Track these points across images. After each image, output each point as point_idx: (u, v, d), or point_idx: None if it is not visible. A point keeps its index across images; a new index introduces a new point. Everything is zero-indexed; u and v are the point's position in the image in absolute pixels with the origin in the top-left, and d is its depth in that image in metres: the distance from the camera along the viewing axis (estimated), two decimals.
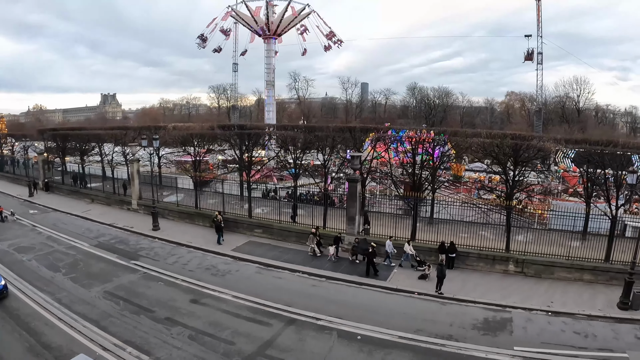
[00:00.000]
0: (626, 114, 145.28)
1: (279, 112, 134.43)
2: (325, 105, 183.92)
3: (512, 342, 25.95)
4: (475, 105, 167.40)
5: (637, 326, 28.28)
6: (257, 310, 29.17)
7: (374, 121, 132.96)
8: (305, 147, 54.38)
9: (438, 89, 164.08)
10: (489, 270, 36.81)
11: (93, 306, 28.63)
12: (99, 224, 49.58)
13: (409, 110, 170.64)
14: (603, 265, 35.77)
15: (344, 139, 55.99)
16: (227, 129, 65.84)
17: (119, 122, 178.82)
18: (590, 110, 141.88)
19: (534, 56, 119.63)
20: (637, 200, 48.17)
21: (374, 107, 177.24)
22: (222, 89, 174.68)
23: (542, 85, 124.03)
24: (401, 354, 24.32)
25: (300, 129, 67.23)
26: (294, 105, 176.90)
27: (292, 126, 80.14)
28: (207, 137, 62.11)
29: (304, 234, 43.52)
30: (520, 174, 42.57)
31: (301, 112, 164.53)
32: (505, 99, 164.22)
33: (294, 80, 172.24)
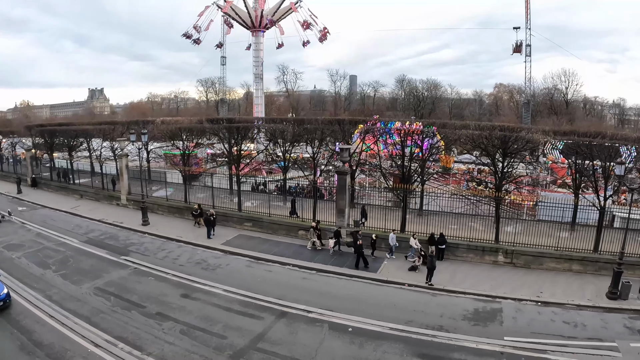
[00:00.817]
0: (614, 106, 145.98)
1: (268, 105, 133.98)
2: (314, 98, 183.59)
3: (502, 332, 26.18)
4: (464, 97, 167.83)
5: (626, 315, 28.59)
6: (248, 304, 29.22)
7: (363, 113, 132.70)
8: (294, 140, 54.59)
9: (427, 81, 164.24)
10: (479, 261, 37.05)
11: (84, 303, 28.54)
12: (89, 219, 49.37)
13: (397, 102, 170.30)
14: (592, 255, 36.08)
15: (333, 131, 56.18)
16: (215, 123, 65.88)
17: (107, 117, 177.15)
18: (578, 102, 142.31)
19: (522, 48, 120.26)
20: (625, 191, 48.50)
21: (362, 100, 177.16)
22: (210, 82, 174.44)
23: (530, 77, 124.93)
24: (392, 345, 24.47)
25: (289, 122, 67.37)
26: (282, 98, 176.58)
27: (281, 119, 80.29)
28: (195, 131, 62.06)
29: (294, 227, 43.77)
30: (509, 165, 42.86)
31: (290, 105, 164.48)
32: (493, 91, 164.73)
33: (282, 73, 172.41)
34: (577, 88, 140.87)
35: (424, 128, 52.74)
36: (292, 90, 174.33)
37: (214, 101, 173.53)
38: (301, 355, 23.18)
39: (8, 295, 27.82)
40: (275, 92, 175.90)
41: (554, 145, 58.02)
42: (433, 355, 23.60)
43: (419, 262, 35.83)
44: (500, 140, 42.90)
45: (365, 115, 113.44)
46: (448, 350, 24.18)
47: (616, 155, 40.42)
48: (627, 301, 30.28)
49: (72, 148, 67.83)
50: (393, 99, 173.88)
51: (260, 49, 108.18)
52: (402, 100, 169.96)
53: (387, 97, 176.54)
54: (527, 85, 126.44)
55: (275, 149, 58.20)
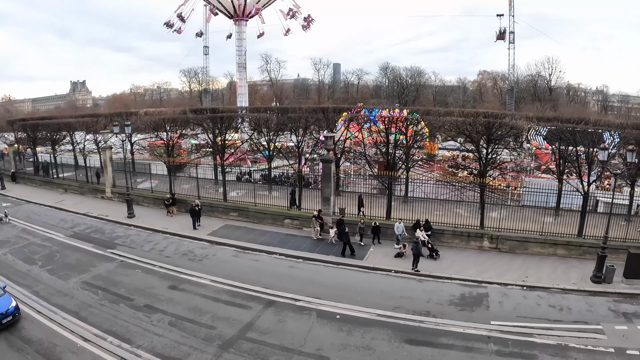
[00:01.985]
0: (597, 93, 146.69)
1: (252, 95, 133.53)
2: (297, 86, 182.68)
3: (489, 316, 26.56)
4: (448, 85, 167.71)
5: (610, 299, 29.08)
6: (236, 294, 29.36)
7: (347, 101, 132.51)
8: (278, 129, 54.52)
9: (410, 69, 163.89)
10: (464, 247, 37.37)
11: (71, 297, 28.50)
12: (74, 213, 49.07)
13: (381, 90, 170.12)
14: (576, 240, 36.59)
15: (317, 119, 56.21)
16: (199, 113, 65.61)
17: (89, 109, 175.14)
18: (561, 89, 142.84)
19: (505, 35, 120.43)
20: (609, 177, 48.99)
21: (346, 88, 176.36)
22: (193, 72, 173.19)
23: (514, 64, 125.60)
24: (380, 331, 24.74)
25: (273, 111, 67.10)
26: (266, 88, 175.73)
27: (264, 108, 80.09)
28: (179, 122, 61.74)
29: (280, 216, 43.96)
30: (493, 151, 43.15)
31: (274, 94, 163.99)
32: (477, 78, 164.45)
33: (265, 62, 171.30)
34: (560, 75, 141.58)
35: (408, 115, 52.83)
36: (276, 79, 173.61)
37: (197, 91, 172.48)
38: (290, 343, 23.37)
39: (17, 308, 25.86)
40: (258, 81, 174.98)
41: (538, 131, 58.60)
42: (421, 341, 23.85)
43: (404, 249, 36.05)
44: (484, 126, 43.13)
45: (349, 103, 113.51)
46: (435, 335, 24.48)
47: (599, 141, 40.85)
48: (611, 285, 30.74)
49: (55, 142, 67.25)
50: (377, 86, 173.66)
51: (243, 37, 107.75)
52: (386, 87, 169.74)
53: (371, 84, 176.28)
54: (511, 72, 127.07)
55: (259, 138, 58.01)
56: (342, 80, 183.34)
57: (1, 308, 24.85)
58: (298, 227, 43.25)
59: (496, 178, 46.56)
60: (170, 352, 22.46)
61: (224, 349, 22.77)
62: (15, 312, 25.36)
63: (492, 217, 40.29)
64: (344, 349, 22.93)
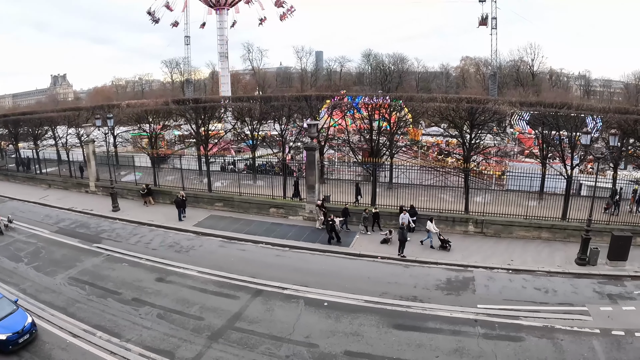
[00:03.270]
0: (580, 78, 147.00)
1: (234, 84, 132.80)
2: (280, 75, 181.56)
3: (475, 300, 26.96)
4: (431, 71, 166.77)
5: (595, 281, 29.59)
6: (224, 284, 29.50)
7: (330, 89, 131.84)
8: (261, 117, 54.61)
9: (393, 55, 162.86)
10: (450, 232, 37.46)
11: (59, 293, 28.42)
12: (58, 209, 48.74)
13: (364, 77, 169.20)
14: (560, 223, 37.08)
15: (300, 107, 56.21)
16: (182, 104, 65.22)
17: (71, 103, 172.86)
18: (544, 74, 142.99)
19: (488, 21, 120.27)
20: (592, 160, 49.47)
21: (329, 75, 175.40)
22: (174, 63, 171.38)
23: (496, 49, 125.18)
24: (368, 317, 25.03)
25: (256, 100, 66.93)
26: (248, 77, 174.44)
27: (247, 97, 79.69)
28: (162, 113, 61.47)
29: (265, 205, 44.03)
30: (477, 136, 43.50)
31: (256, 82, 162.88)
32: (460, 64, 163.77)
33: (247, 51, 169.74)
34: (542, 60, 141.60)
35: (391, 102, 52.96)
36: (258, 68, 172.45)
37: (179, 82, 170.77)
38: (279, 332, 23.59)
39: (33, 324, 23.70)
40: (241, 70, 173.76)
41: (521, 116, 58.96)
42: (408, 325, 24.18)
43: (390, 235, 36.25)
44: (468, 112, 43.49)
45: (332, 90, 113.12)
46: (423, 319, 24.82)
47: (582, 125, 41.32)
48: (595, 267, 31.21)
49: (37, 137, 66.62)
50: (360, 73, 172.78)
51: (225, 27, 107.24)
52: (368, 74, 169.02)
53: (353, 72, 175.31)
54: (493, 57, 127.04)
55: (243, 128, 57.94)
56: (325, 68, 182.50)
57: (17, 325, 22.98)
58: (283, 215, 43.36)
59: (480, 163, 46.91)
60: (160, 344, 22.59)
61: (213, 340, 22.93)
62: (32, 329, 23.35)
63: (477, 201, 40.68)
64: (333, 336, 23.18)
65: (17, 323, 23.02)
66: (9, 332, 22.33)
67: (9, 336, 22.19)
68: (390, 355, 21.54)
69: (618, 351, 21.60)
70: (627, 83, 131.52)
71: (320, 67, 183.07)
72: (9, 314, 23.72)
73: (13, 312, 23.96)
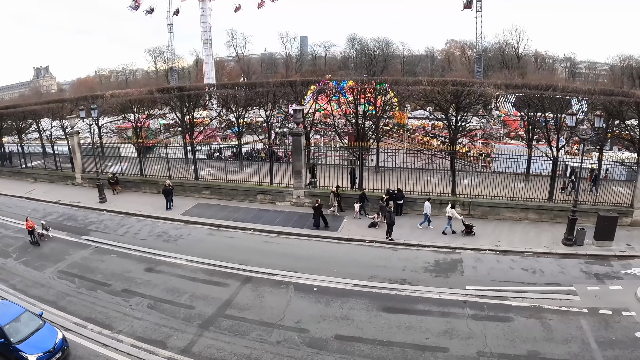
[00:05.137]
0: (565, 60, 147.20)
1: (218, 71, 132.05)
2: (264, 61, 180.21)
3: (464, 282, 27.32)
4: (416, 54, 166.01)
5: (582, 261, 30.03)
6: (213, 272, 29.66)
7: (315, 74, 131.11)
8: (247, 104, 54.36)
9: (378, 39, 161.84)
10: (437, 214, 37.58)
11: (49, 288, 28.38)
12: (45, 202, 48.37)
13: (349, 61, 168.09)
14: (547, 204, 37.54)
15: (286, 93, 56.02)
16: (166, 92, 64.72)
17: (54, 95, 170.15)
18: (529, 56, 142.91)
19: (472, 3, 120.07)
20: (577, 142, 49.80)
21: (314, 60, 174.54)
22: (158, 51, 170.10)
23: (481, 32, 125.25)
24: (358, 300, 25.32)
25: (241, 87, 66.72)
26: (233, 63, 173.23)
27: (232, 84, 79.31)
28: (146, 102, 61.06)
29: (252, 192, 44.15)
30: (463, 119, 43.67)
31: (241, 69, 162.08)
32: (445, 47, 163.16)
33: (231, 38, 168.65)
34: (528, 43, 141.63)
35: (376, 85, 52.96)
36: (242, 54, 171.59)
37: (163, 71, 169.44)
38: (269, 318, 23.83)
39: (64, 340, 21.70)
40: (225, 57, 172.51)
41: (506, 98, 59.23)
42: (398, 308, 24.50)
43: (379, 219, 36.41)
44: (453, 94, 43.61)
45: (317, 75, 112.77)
46: (412, 302, 25.14)
47: (567, 107, 41.63)
48: (582, 247, 31.71)
49: (22, 130, 65.96)
50: (345, 58, 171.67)
51: (208, 13, 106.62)
52: (353, 59, 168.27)
53: (338, 56, 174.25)
54: (479, 40, 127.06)
55: (228, 115, 57.73)
56: (310, 53, 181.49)
57: (47, 344, 21.00)
58: (271, 201, 43.53)
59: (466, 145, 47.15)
60: (152, 334, 22.74)
61: (204, 328, 23.11)
62: (64, 346, 21.39)
63: (464, 184, 41.05)
64: (323, 320, 23.45)
65: (46, 340, 21.20)
66: (39, 352, 20.55)
67: (39, 357, 20.43)
68: (380, 338, 21.81)
69: (606, 330, 21.99)
70: (612, 65, 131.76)
71: (305, 52, 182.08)
72: (37, 329, 21.80)
73: (40, 327, 21.97)
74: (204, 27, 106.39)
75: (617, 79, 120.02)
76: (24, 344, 20.92)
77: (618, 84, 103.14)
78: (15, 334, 21.26)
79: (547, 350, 20.55)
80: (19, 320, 22.02)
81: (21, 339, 21.13)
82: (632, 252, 30.87)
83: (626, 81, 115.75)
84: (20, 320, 22.02)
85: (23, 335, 21.34)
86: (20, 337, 21.21)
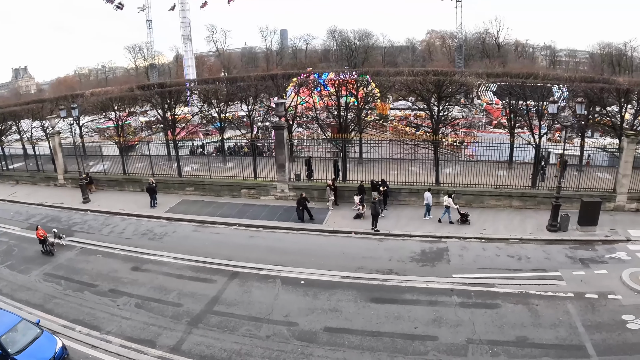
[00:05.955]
0: (545, 48, 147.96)
1: (199, 67, 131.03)
2: (245, 55, 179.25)
3: (450, 270, 27.58)
4: (397, 45, 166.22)
5: (567, 246, 30.39)
6: (200, 269, 29.62)
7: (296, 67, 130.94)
8: (228, 99, 54.37)
9: (358, 31, 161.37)
10: (422, 204, 37.62)
11: (35, 291, 28.09)
12: (28, 205, 47.69)
13: (330, 53, 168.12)
14: (530, 191, 37.91)
15: (267, 87, 56.15)
16: (147, 89, 64.60)
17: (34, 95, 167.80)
18: (509, 45, 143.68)
19: None
20: (559, 129, 50.25)
21: (294, 54, 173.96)
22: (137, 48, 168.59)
23: (462, 22, 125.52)
24: (345, 292, 25.47)
25: (222, 81, 66.59)
26: (213, 58, 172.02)
27: (213, 79, 79.27)
28: (127, 100, 60.77)
29: (237, 187, 44.03)
30: (445, 109, 43.87)
31: (221, 64, 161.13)
32: (426, 37, 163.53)
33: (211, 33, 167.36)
34: (508, 32, 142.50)
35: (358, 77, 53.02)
36: (223, 49, 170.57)
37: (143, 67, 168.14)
38: (258, 313, 23.90)
39: (64, 348, 21.10)
40: (205, 52, 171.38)
41: (488, 87, 59.56)
42: (386, 298, 24.70)
43: (363, 210, 36.50)
44: (435, 84, 43.95)
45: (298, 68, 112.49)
46: (400, 292, 25.34)
47: (549, 94, 42.02)
48: (567, 232, 32.04)
49: (1, 133, 65.20)
50: (325, 50, 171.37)
51: (187, 9, 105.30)
52: (334, 51, 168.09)
53: (319, 49, 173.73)
54: (459, 30, 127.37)
55: (210, 110, 57.62)
56: (290, 46, 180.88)
57: (47, 353, 20.39)
58: (255, 196, 43.45)
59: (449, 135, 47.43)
60: (140, 334, 22.68)
61: (193, 325, 23.11)
62: (64, 354, 20.91)
63: (447, 173, 41.33)
64: (312, 313, 23.55)
65: (46, 349, 20.53)
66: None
67: None
68: (369, 328, 21.96)
69: (592, 314, 22.33)
70: (592, 53, 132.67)
71: (285, 46, 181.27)
72: (35, 338, 21.03)
73: (38, 336, 21.19)
74: (183, 22, 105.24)
75: (597, 66, 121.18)
76: (22, 355, 20.18)
77: (598, 72, 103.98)
78: (13, 344, 20.42)
79: (535, 335, 20.81)
80: (15, 329, 21.16)
81: (19, 349, 20.32)
82: (616, 237, 31.24)
83: (606, 68, 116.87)
84: (17, 330, 21.17)
85: (21, 345, 20.51)
86: (18, 347, 20.38)
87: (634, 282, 24.67)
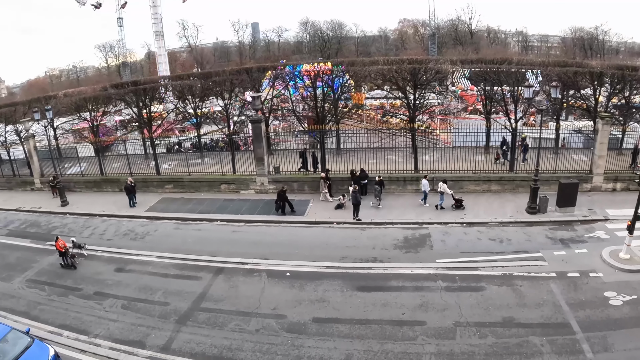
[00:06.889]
0: (517, 34, 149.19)
1: (172, 63, 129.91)
2: (217, 50, 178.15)
3: (434, 255, 28.00)
4: (369, 35, 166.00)
5: (547, 227, 31.09)
6: (184, 266, 29.54)
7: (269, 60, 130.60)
8: (203, 94, 54.21)
9: (331, 22, 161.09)
10: (402, 192, 38.38)
11: (19, 298, 27.70)
12: (5, 211, 46.83)
13: (303, 45, 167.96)
14: (508, 175, 38.72)
15: (242, 81, 56.04)
16: (120, 87, 63.91)
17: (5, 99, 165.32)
18: (482, 32, 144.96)
19: None
20: (534, 113, 50.80)
21: (267, 47, 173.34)
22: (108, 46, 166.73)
23: (434, 10, 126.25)
24: (331, 282, 25.66)
25: (196, 77, 66.14)
26: (185, 54, 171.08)
27: (187, 75, 78.59)
28: (101, 99, 60.20)
29: (216, 182, 44.01)
30: (420, 96, 44.09)
31: (194, 59, 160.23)
32: (398, 26, 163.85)
33: (183, 28, 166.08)
34: (480, 19, 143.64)
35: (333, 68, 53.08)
36: (195, 44, 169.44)
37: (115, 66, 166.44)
38: (246, 307, 23.97)
39: (57, 356, 20.48)
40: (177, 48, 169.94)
41: (462, 74, 60.00)
42: (372, 286, 24.97)
43: (343, 200, 36.65)
44: (410, 72, 44.26)
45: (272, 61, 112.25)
46: (385, 279, 25.63)
47: (523, 79, 42.49)
48: (546, 214, 32.67)
49: None
50: (298, 42, 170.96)
51: (158, 4, 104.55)
52: (307, 43, 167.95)
53: (292, 41, 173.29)
54: (432, 18, 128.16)
55: (185, 107, 57.34)
56: (262, 39, 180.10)
57: None
58: (235, 191, 43.40)
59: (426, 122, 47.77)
60: (129, 335, 22.57)
61: (181, 323, 23.09)
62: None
63: (426, 160, 41.67)
64: (299, 305, 23.70)
65: (38, 359, 19.84)
66: None
67: None
68: (357, 317, 22.17)
69: (575, 292, 22.89)
70: (564, 37, 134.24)
71: (257, 39, 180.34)
72: (26, 348, 20.18)
73: (29, 345, 20.36)
74: (154, 18, 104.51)
75: (570, 50, 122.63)
76: None
77: (571, 56, 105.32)
78: (3, 356, 19.63)
79: (521, 315, 21.21)
80: (5, 340, 20.41)
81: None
82: (594, 217, 31.97)
83: (578, 52, 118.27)
84: (7, 340, 20.42)
85: (12, 356, 19.65)
86: (9, 358, 19.54)
87: (615, 260, 25.23)
